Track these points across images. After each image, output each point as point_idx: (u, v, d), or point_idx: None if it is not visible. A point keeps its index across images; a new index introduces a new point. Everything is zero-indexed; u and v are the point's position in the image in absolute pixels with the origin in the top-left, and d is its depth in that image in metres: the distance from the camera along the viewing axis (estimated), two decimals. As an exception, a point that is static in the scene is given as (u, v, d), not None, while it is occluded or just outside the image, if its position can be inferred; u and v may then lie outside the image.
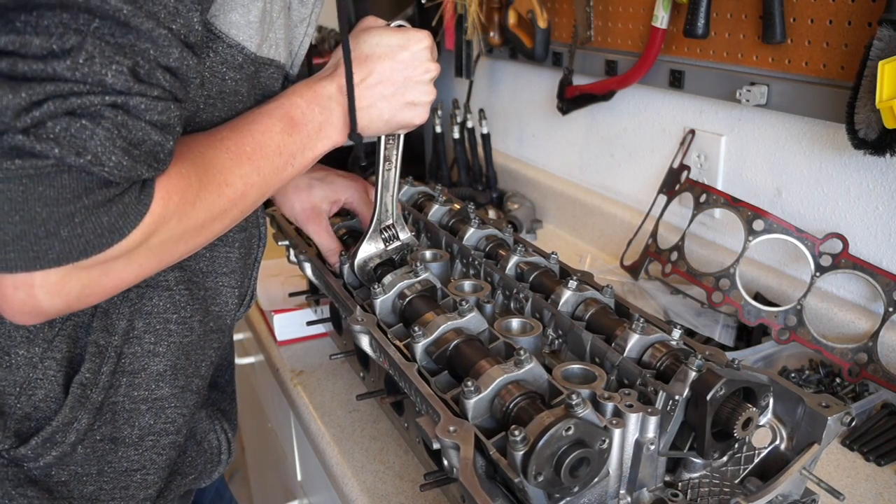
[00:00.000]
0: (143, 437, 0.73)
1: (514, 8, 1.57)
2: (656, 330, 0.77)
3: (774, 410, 0.72)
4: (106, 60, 0.52)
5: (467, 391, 0.67)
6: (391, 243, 0.95)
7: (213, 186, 0.63)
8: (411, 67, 0.78)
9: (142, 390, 0.72)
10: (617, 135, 1.50)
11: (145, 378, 0.71)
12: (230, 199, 0.66)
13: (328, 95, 0.75)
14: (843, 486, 0.84)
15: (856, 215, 1.07)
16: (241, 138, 0.68)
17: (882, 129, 0.89)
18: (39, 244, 0.53)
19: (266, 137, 0.69)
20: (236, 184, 0.66)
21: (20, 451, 0.66)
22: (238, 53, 0.67)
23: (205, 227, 0.65)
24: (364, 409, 1.00)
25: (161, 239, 0.60)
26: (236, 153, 0.66)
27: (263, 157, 0.68)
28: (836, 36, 1.02)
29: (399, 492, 0.85)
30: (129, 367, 0.70)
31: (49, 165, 0.52)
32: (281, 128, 0.70)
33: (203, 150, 0.65)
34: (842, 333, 1.05)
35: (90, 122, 0.52)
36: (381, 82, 0.77)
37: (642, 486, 0.69)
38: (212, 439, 0.84)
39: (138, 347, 0.70)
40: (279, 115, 0.71)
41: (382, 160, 0.89)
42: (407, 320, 0.85)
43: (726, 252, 1.24)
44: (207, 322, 0.76)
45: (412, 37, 0.78)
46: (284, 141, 0.70)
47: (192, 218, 0.62)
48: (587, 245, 1.55)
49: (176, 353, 0.73)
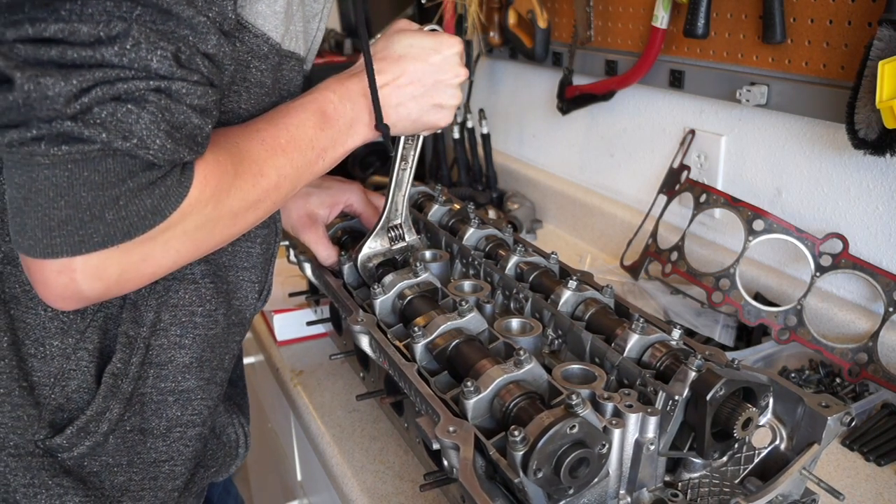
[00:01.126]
0: (170, 428, 0.74)
1: (514, 8, 1.57)
2: (656, 330, 0.77)
3: (774, 410, 0.72)
4: (151, 46, 0.53)
5: (467, 391, 0.67)
6: (396, 243, 0.95)
7: (248, 176, 0.65)
8: (442, 71, 0.80)
9: (169, 381, 0.73)
10: (617, 135, 1.50)
11: (172, 370, 0.73)
12: (264, 190, 0.67)
13: (359, 92, 0.76)
14: (843, 486, 0.84)
15: (856, 215, 1.07)
16: (276, 130, 0.69)
17: (882, 129, 0.89)
18: (85, 228, 0.54)
19: (300, 131, 0.70)
20: (271, 175, 0.67)
21: (55, 441, 0.68)
22: (264, 44, 0.68)
23: (238, 216, 0.66)
24: (364, 409, 1.00)
25: (197, 223, 0.61)
26: (271, 145, 0.68)
27: (297, 149, 0.70)
28: (836, 36, 1.02)
29: (399, 492, 0.85)
30: (157, 359, 0.72)
31: (95, 150, 0.53)
32: (314, 122, 0.72)
33: (238, 140, 0.66)
34: (842, 333, 1.05)
35: (136, 107, 0.53)
36: (412, 83, 0.79)
37: (642, 486, 0.69)
38: (230, 433, 0.86)
39: (165, 339, 0.72)
40: (313, 109, 0.72)
41: (399, 159, 0.90)
42: (407, 320, 0.85)
43: (726, 252, 1.24)
44: (230, 315, 0.78)
45: (445, 41, 0.80)
46: (317, 135, 0.72)
47: (227, 205, 0.63)
48: (587, 245, 1.55)
49: (201, 346, 0.74)
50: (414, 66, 0.78)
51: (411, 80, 0.78)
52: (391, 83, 0.77)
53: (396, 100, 0.78)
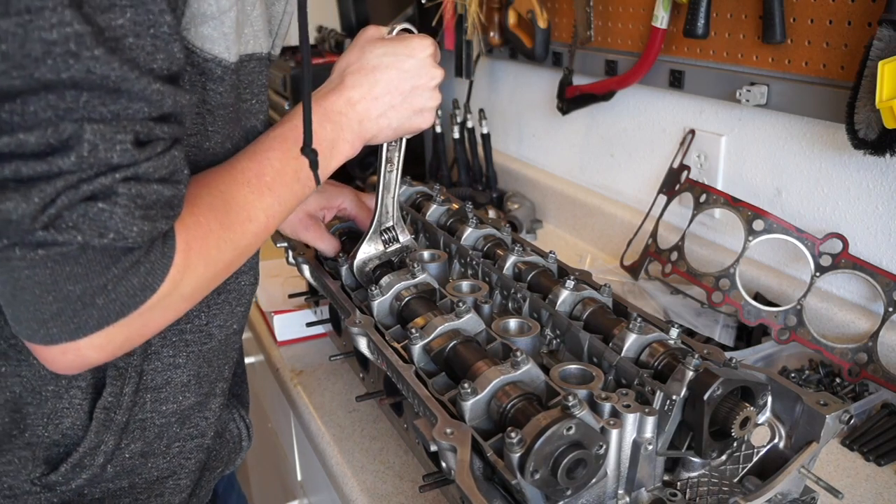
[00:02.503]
0: (169, 445, 0.74)
1: (514, 8, 1.57)
2: (654, 329, 0.77)
3: (773, 409, 0.72)
4: (109, 144, 0.51)
5: (464, 393, 0.67)
6: (391, 245, 0.95)
7: (236, 226, 0.64)
8: (418, 76, 0.79)
9: (169, 403, 0.72)
10: (617, 135, 1.50)
11: (171, 391, 0.72)
12: (255, 234, 0.66)
13: (337, 110, 0.75)
14: (842, 485, 0.84)
15: (856, 215, 1.06)
16: (260, 169, 0.67)
17: (882, 129, 0.89)
18: (78, 316, 0.54)
19: (284, 164, 0.69)
20: (260, 218, 0.66)
21: (51, 478, 0.67)
22: (216, 66, 0.64)
23: (232, 264, 0.65)
24: (364, 410, 1.00)
25: (192, 285, 0.60)
26: (257, 186, 0.66)
27: (283, 185, 0.69)
28: (836, 36, 1.02)
29: (399, 492, 0.85)
30: (153, 383, 0.71)
31: (72, 249, 0.52)
32: (296, 152, 0.70)
33: (224, 187, 0.64)
34: (842, 333, 1.05)
35: (106, 204, 0.51)
36: (388, 92, 0.77)
37: (640, 485, 0.69)
38: (232, 429, 0.86)
39: (158, 363, 0.71)
40: (293, 137, 0.71)
41: (384, 162, 0.89)
42: (404, 322, 0.85)
43: (726, 252, 1.24)
44: (230, 325, 0.76)
45: (416, 45, 0.79)
46: (301, 165, 0.70)
47: (218, 260, 0.62)
48: (587, 245, 1.55)
49: (197, 362, 0.73)
50: (388, 75, 0.77)
51: (388, 90, 0.77)
52: (367, 96, 0.76)
53: (376, 112, 0.77)
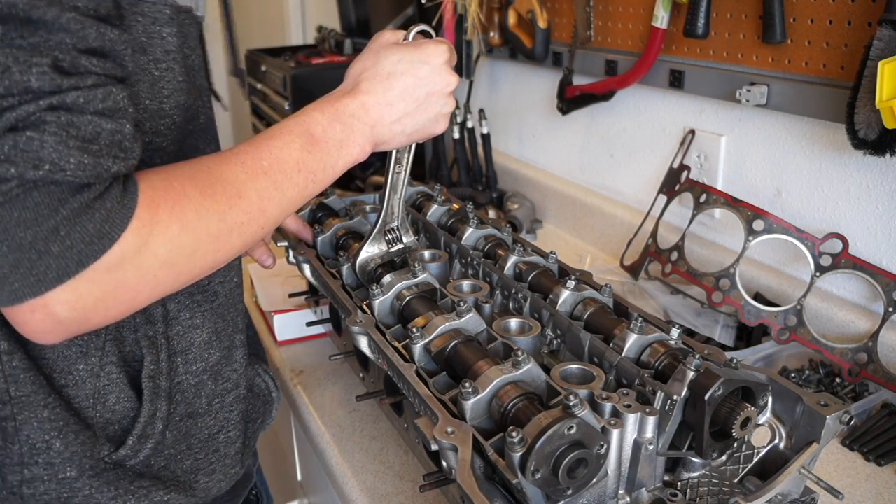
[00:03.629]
0: (210, 402, 0.77)
1: (514, 8, 1.57)
2: (655, 329, 0.77)
3: (773, 409, 0.72)
4: (23, 66, 0.50)
5: (465, 392, 0.67)
6: (394, 245, 0.96)
7: (222, 197, 0.63)
8: (432, 82, 0.79)
9: (198, 363, 0.75)
10: (617, 135, 1.50)
11: (196, 352, 0.75)
12: (245, 212, 0.65)
13: (350, 113, 0.75)
14: (842, 485, 0.84)
15: (856, 215, 1.06)
16: (257, 153, 0.67)
17: (882, 129, 0.89)
18: (36, 267, 0.53)
19: (285, 153, 0.69)
20: (251, 196, 0.65)
21: (120, 454, 0.70)
22: (164, 7, 0.64)
23: (221, 239, 0.63)
24: (364, 410, 1.00)
25: (168, 248, 0.59)
26: (252, 167, 0.66)
27: (282, 172, 0.68)
28: (836, 36, 1.02)
29: (399, 492, 0.85)
30: (178, 347, 0.73)
31: (13, 188, 0.51)
32: (301, 144, 0.70)
33: (212, 164, 0.64)
34: (842, 333, 1.05)
35: (35, 132, 0.51)
36: (403, 99, 0.78)
37: (641, 485, 0.69)
38: (259, 383, 0.88)
39: (179, 327, 0.73)
40: (299, 131, 0.71)
41: (393, 163, 0.90)
42: (405, 321, 0.85)
43: (726, 252, 1.24)
44: (230, 279, 0.78)
45: (431, 51, 0.79)
46: (304, 157, 0.70)
47: (199, 227, 0.61)
48: (587, 245, 1.55)
49: (212, 319, 0.76)
50: (403, 82, 0.77)
51: (402, 97, 0.78)
52: (382, 102, 0.77)
53: (390, 118, 0.77)
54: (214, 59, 0.79)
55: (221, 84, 5.01)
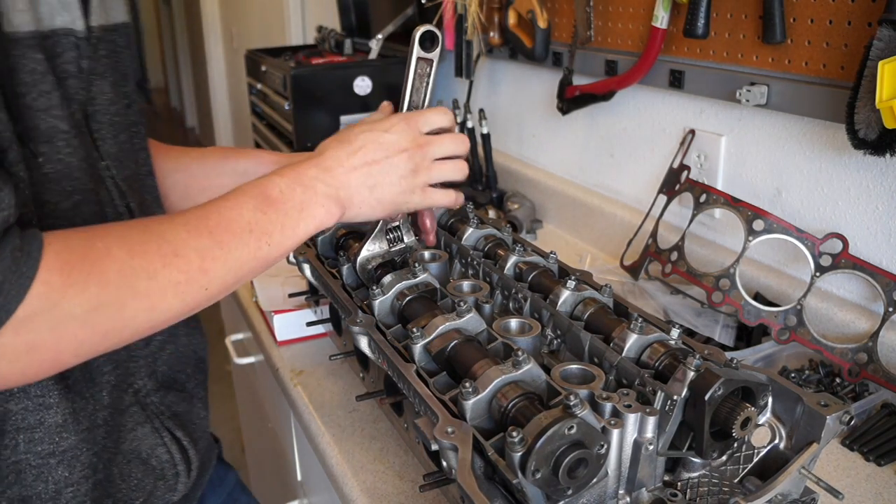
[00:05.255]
0: (59, 490, 0.69)
1: (514, 8, 1.57)
2: (655, 329, 0.77)
3: (773, 409, 0.72)
4: None
5: (465, 392, 0.67)
6: (395, 245, 0.95)
7: (155, 256, 0.60)
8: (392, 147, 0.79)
9: (45, 444, 0.67)
10: (617, 135, 1.50)
11: (45, 431, 0.67)
12: (183, 271, 0.62)
13: (311, 176, 0.74)
14: (842, 485, 0.84)
15: (856, 215, 1.06)
16: (205, 213, 0.65)
17: (882, 129, 0.89)
18: None
19: (234, 213, 0.66)
20: (189, 255, 0.62)
21: None
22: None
23: (152, 297, 0.60)
24: (364, 409, 1.00)
25: (86, 308, 0.57)
26: (196, 226, 0.64)
27: (229, 232, 0.65)
28: (836, 36, 1.02)
29: (399, 492, 0.85)
30: (24, 423, 0.66)
31: None
32: (254, 205, 0.68)
33: (155, 224, 0.63)
34: (842, 333, 1.05)
35: None
36: (367, 164, 0.77)
37: (641, 485, 0.69)
38: (160, 454, 0.76)
39: (28, 401, 0.66)
40: (254, 193, 0.69)
41: None
42: (405, 321, 0.85)
43: (726, 252, 1.24)
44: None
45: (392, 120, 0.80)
46: (257, 218, 0.67)
47: (124, 286, 0.58)
48: (587, 245, 1.55)
49: (69, 398, 0.68)
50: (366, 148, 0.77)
51: (366, 161, 0.77)
52: (345, 165, 0.76)
53: (356, 182, 0.77)
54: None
55: (222, 87, 4.99)
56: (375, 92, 1.95)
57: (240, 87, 3.95)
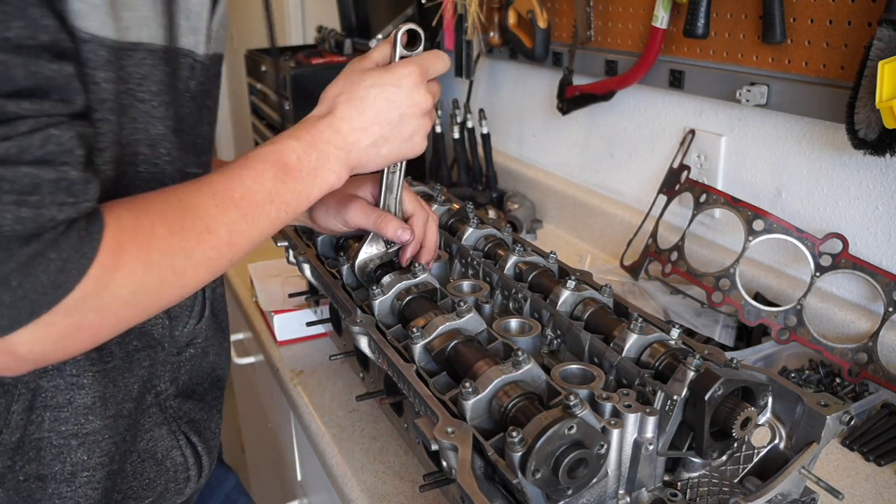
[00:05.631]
0: (75, 473, 0.69)
1: (514, 8, 1.57)
2: (655, 329, 0.77)
3: (773, 409, 0.72)
4: None
5: (465, 392, 0.67)
6: (392, 246, 0.95)
7: (191, 235, 0.60)
8: (404, 104, 0.78)
9: (70, 424, 0.68)
10: (617, 135, 1.50)
11: (72, 412, 0.68)
12: (214, 247, 0.62)
13: (325, 139, 0.73)
14: (842, 485, 0.84)
15: (856, 215, 1.06)
16: (229, 183, 0.65)
17: (882, 129, 0.89)
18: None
19: (257, 184, 0.66)
20: (220, 231, 0.62)
21: None
22: (98, 47, 0.58)
23: (188, 274, 0.61)
24: (364, 409, 1.00)
25: (130, 289, 0.56)
26: (223, 199, 0.63)
27: (253, 204, 0.66)
28: (836, 36, 1.02)
29: (399, 492, 0.85)
30: (52, 402, 0.66)
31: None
32: (274, 174, 0.68)
33: (184, 196, 0.62)
34: (842, 333, 1.05)
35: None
36: (377, 122, 0.76)
37: (641, 485, 0.69)
38: (175, 456, 0.78)
39: (60, 380, 0.66)
40: (273, 160, 0.69)
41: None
42: (405, 321, 0.85)
43: (726, 252, 1.24)
44: (129, 342, 0.71)
45: (402, 73, 0.78)
46: (277, 188, 0.68)
47: (164, 265, 0.58)
48: (587, 245, 1.55)
49: (102, 382, 0.69)
50: (376, 105, 0.76)
51: (376, 120, 0.76)
52: (357, 127, 0.76)
53: (365, 142, 0.76)
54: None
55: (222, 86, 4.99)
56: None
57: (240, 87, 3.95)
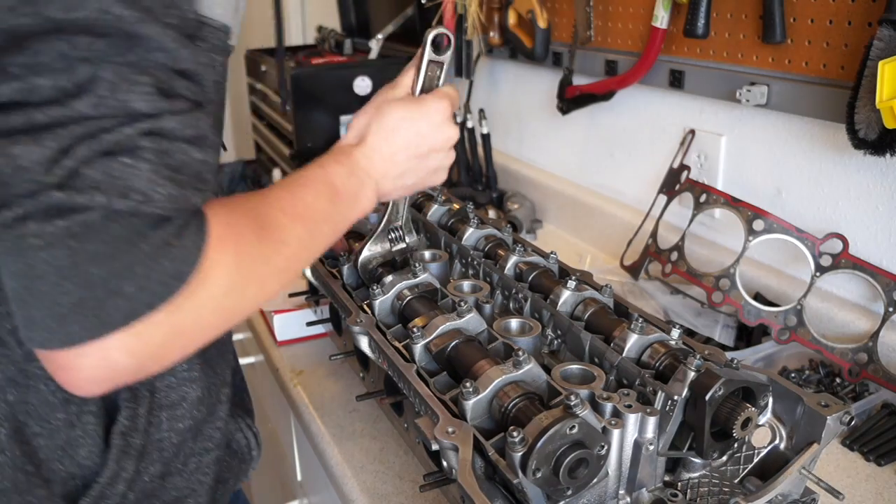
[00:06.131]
0: (186, 462, 0.71)
1: (514, 8, 1.57)
2: (655, 330, 0.77)
3: (774, 410, 0.72)
4: (129, 84, 0.47)
5: (466, 392, 0.67)
6: (396, 244, 0.96)
7: (270, 242, 0.60)
8: (434, 139, 0.80)
9: (185, 420, 0.69)
10: (617, 135, 1.50)
11: (186, 408, 0.68)
12: (287, 258, 0.62)
13: (362, 167, 0.76)
14: (843, 485, 0.84)
15: (856, 215, 1.06)
16: (293, 200, 0.66)
17: (882, 129, 0.89)
18: (103, 307, 0.47)
19: (317, 202, 0.68)
20: (292, 243, 0.63)
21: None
22: (224, 35, 0.59)
23: (266, 284, 0.60)
24: (364, 409, 1.00)
25: (224, 289, 0.54)
26: (291, 213, 0.64)
27: (313, 221, 0.67)
28: (836, 36, 1.02)
29: (399, 492, 0.85)
30: (167, 400, 0.67)
31: (95, 219, 0.46)
32: (327, 195, 0.70)
33: (256, 205, 0.61)
34: (842, 333, 1.05)
35: (131, 158, 0.46)
36: (406, 154, 0.79)
37: (641, 486, 0.69)
38: (239, 439, 0.82)
39: (172, 378, 0.67)
40: (325, 181, 0.71)
41: None
42: (406, 321, 0.85)
43: (726, 252, 1.24)
44: None
45: (433, 107, 0.80)
46: (329, 209, 0.69)
47: (252, 270, 0.57)
48: (587, 245, 1.55)
49: (207, 373, 0.71)
50: (406, 138, 0.78)
51: (405, 152, 0.78)
52: (387, 158, 0.77)
53: (394, 172, 0.78)
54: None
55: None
56: (376, 92, 1.94)
57: (240, 87, 3.95)
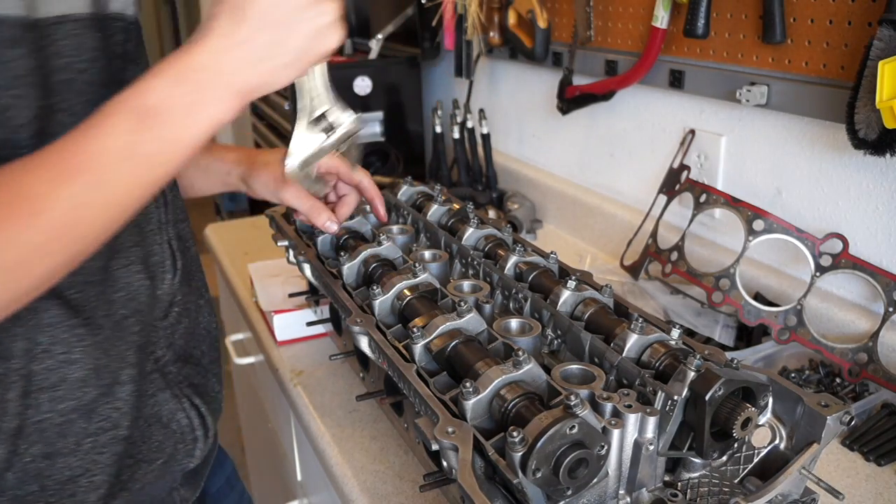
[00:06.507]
0: (79, 442, 0.69)
1: (514, 8, 1.58)
2: (655, 330, 0.77)
3: (774, 410, 0.72)
4: None
5: (466, 392, 0.67)
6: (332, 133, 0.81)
7: (17, 220, 0.54)
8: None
9: (68, 401, 0.67)
10: (617, 135, 1.50)
11: (67, 388, 0.67)
12: (51, 228, 0.55)
13: (198, 67, 0.61)
14: (843, 485, 0.84)
15: (856, 215, 1.06)
16: (67, 153, 0.57)
17: (882, 129, 0.89)
18: None
19: (108, 141, 0.57)
20: (54, 209, 0.55)
21: None
22: (10, 27, 0.55)
23: (26, 262, 0.55)
24: (364, 409, 1.00)
25: None
26: (58, 172, 0.56)
27: (102, 166, 0.57)
28: (836, 36, 1.02)
29: (399, 492, 0.85)
30: (47, 383, 0.65)
31: None
32: (130, 126, 0.58)
33: (16, 174, 0.55)
34: (842, 333, 1.05)
35: None
36: (260, 29, 0.63)
37: (641, 486, 0.69)
38: (180, 419, 0.78)
39: (51, 361, 0.65)
40: (128, 108, 0.59)
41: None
42: (406, 321, 0.85)
43: (726, 252, 1.24)
44: (115, 312, 0.70)
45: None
46: (135, 140, 0.58)
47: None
48: (587, 245, 1.55)
49: (93, 354, 0.67)
50: (256, 8, 0.63)
51: (259, 28, 0.63)
52: (237, 42, 0.63)
53: (252, 57, 0.64)
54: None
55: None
56: (375, 92, 1.94)
57: (239, 87, 3.96)
